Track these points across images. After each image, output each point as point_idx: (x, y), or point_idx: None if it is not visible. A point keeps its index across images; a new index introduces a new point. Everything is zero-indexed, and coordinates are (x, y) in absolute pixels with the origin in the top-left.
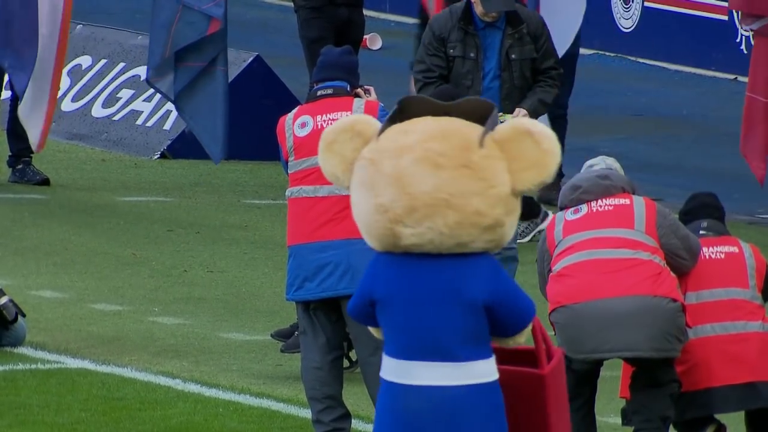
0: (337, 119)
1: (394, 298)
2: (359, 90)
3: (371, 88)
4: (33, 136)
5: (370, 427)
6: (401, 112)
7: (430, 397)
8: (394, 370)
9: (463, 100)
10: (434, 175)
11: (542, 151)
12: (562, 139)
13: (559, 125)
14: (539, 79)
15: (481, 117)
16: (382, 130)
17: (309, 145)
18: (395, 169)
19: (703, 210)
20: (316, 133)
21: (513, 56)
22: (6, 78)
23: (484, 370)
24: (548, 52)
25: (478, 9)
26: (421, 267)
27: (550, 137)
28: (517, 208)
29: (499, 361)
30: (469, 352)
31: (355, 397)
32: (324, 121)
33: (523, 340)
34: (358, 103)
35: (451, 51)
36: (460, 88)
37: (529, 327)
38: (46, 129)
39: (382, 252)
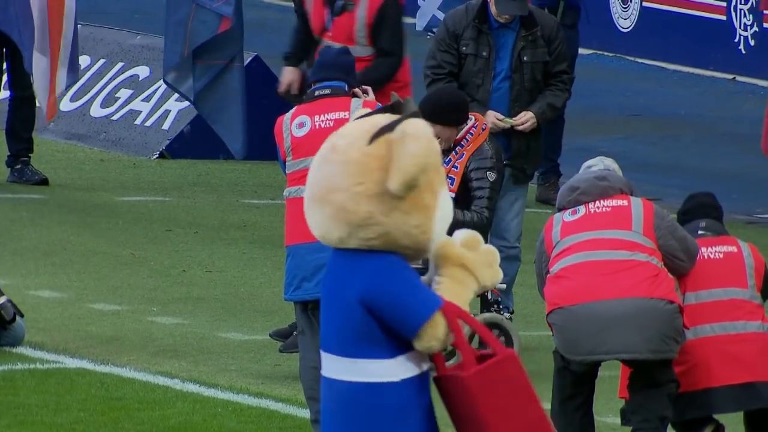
0: (335, 119)
1: (323, 288)
2: (357, 90)
3: (369, 88)
4: (41, 108)
5: None
6: (392, 109)
7: (330, 389)
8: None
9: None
10: (321, 169)
11: (404, 152)
12: (559, 138)
13: (556, 125)
14: (550, 83)
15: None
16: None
17: (307, 145)
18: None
19: (701, 210)
20: (314, 133)
21: (525, 58)
22: (5, 78)
23: (381, 370)
24: (561, 55)
25: (493, 9)
26: (332, 261)
27: (417, 139)
28: (407, 207)
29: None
30: (363, 350)
31: None
32: (322, 121)
33: (432, 345)
34: (356, 103)
35: (464, 48)
36: (470, 86)
37: (430, 330)
38: (51, 100)
39: None
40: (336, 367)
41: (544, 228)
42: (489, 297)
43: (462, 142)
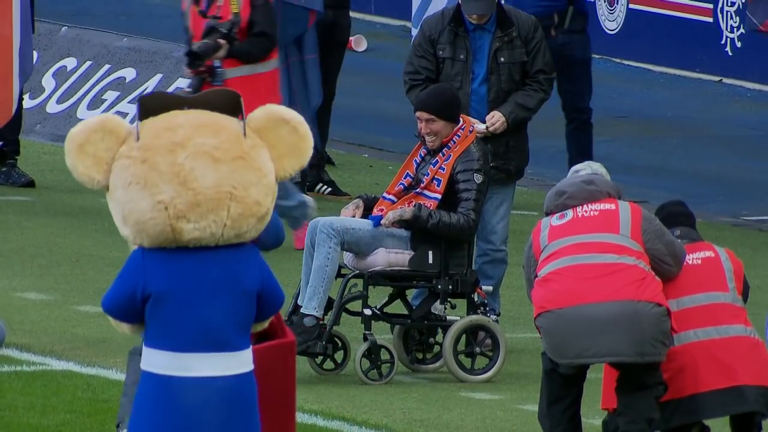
0: None
1: (172, 292)
2: None
3: None
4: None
5: (354, 428)
6: (145, 111)
7: (210, 388)
8: (167, 363)
9: (205, 92)
10: (215, 168)
11: (299, 136)
12: (588, 144)
13: (583, 131)
14: (526, 83)
15: (230, 108)
16: (139, 130)
17: None
18: (173, 166)
19: (674, 219)
20: None
21: (501, 59)
22: None
23: (249, 358)
24: (539, 55)
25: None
26: (199, 260)
27: (303, 122)
28: (276, 195)
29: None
30: (242, 341)
31: (339, 399)
32: None
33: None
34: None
35: (441, 52)
36: None
37: None
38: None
39: (150, 248)
40: (215, 364)
41: (532, 232)
42: (476, 299)
43: (449, 144)
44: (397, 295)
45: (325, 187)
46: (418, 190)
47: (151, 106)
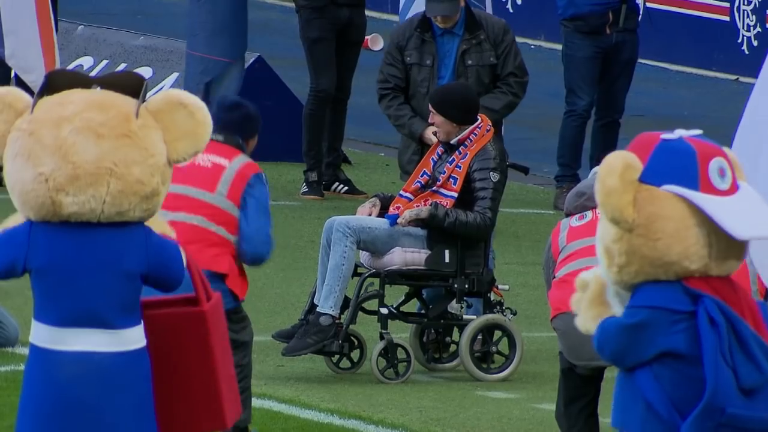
0: (215, 162)
1: (52, 266)
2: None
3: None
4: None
5: (371, 427)
6: (49, 87)
7: (82, 363)
8: (47, 336)
9: (111, 74)
10: (97, 144)
11: (196, 121)
12: (614, 143)
13: (611, 129)
14: (496, 86)
15: (133, 90)
16: (35, 103)
17: (177, 173)
18: (56, 140)
19: None
20: (191, 165)
21: (469, 62)
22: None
23: (136, 337)
24: (509, 58)
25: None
26: (81, 236)
27: (202, 108)
28: (170, 177)
29: (158, 307)
30: (124, 320)
31: (356, 398)
32: (202, 160)
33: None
34: (240, 158)
35: (408, 59)
36: (417, 97)
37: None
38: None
39: (37, 221)
40: (89, 340)
41: (551, 234)
42: (492, 299)
43: (465, 142)
44: (413, 294)
45: (342, 185)
46: (434, 188)
47: (56, 83)
